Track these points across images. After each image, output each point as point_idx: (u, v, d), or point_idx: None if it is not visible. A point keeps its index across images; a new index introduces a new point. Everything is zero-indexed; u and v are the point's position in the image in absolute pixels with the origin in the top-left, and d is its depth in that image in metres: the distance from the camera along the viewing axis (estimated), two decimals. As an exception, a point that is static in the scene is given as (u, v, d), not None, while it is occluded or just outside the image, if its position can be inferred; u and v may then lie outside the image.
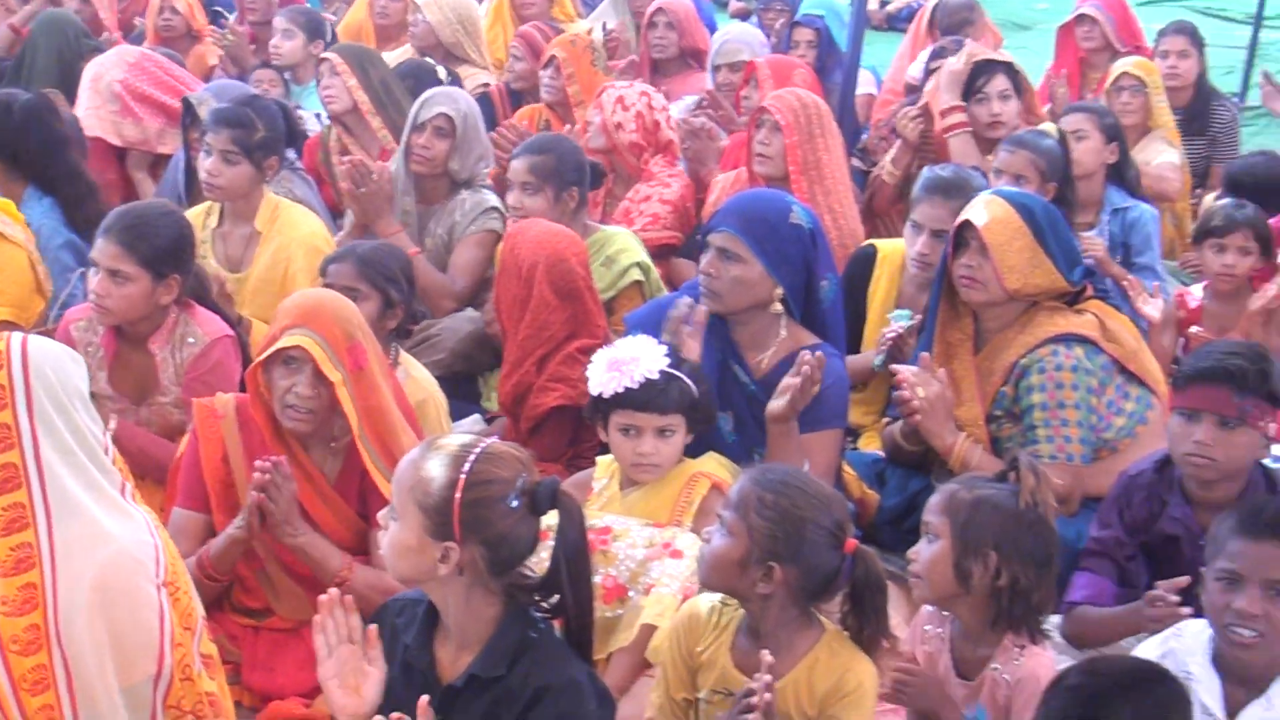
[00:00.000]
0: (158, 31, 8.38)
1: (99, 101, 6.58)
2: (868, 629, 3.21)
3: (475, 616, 3.05)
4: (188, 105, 5.98)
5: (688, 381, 4.08)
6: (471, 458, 3.01)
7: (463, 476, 2.98)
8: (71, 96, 6.77)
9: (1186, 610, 3.43)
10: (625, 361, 4.05)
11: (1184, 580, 3.48)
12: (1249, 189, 6.17)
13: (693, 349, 4.42)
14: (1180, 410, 3.86)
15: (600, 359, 4.11)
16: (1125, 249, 6.03)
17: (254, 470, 3.74)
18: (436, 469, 2.99)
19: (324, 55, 6.58)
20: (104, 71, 6.62)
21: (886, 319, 5.12)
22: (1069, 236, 4.62)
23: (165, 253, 4.40)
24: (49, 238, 5.38)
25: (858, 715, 3.21)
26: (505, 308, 4.94)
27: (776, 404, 4.24)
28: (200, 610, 3.34)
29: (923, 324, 4.89)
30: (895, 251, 5.33)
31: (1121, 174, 6.22)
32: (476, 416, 5.33)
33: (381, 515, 3.09)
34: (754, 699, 2.95)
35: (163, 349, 4.50)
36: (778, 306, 4.58)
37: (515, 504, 3.02)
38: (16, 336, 3.14)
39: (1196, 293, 5.56)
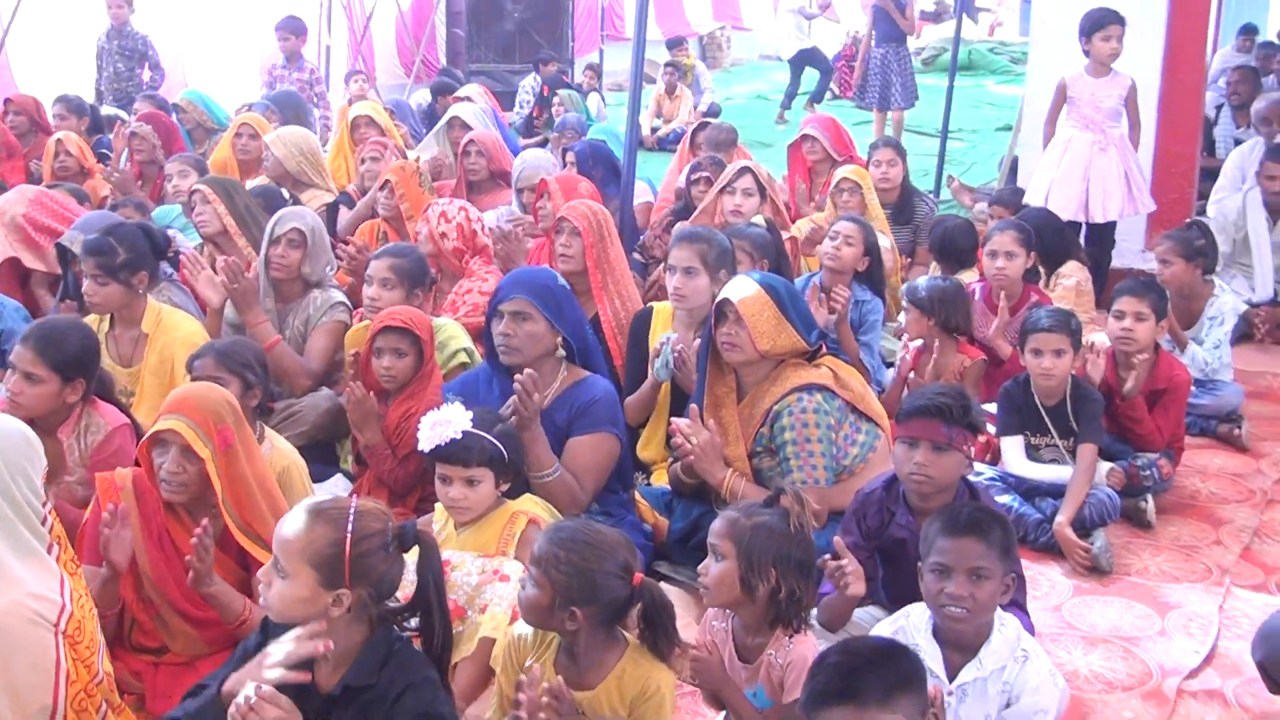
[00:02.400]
0: (55, 172, 8.17)
1: (4, 231, 6.40)
2: (660, 643, 3.18)
3: (348, 639, 3.00)
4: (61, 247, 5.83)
5: (493, 441, 4.03)
6: (350, 517, 2.97)
7: (349, 534, 2.94)
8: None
9: (849, 566, 3.53)
10: (439, 423, 4.01)
11: (849, 561, 3.55)
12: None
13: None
14: (902, 439, 3.90)
15: (424, 420, 4.06)
16: (855, 326, 6.12)
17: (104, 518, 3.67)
18: (321, 531, 2.93)
19: (195, 186, 6.40)
20: (7, 207, 6.44)
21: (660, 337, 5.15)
22: (805, 307, 4.66)
23: (73, 359, 4.24)
24: None
25: (660, 714, 3.19)
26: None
27: (512, 412, 4.30)
28: (107, 667, 3.26)
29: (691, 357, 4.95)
30: (665, 308, 5.37)
31: (873, 275, 6.28)
32: (338, 477, 5.21)
33: (264, 573, 2.99)
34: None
35: (69, 437, 4.32)
36: (561, 352, 4.63)
37: (388, 547, 3.00)
38: None
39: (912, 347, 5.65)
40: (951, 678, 3.20)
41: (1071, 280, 6.45)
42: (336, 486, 5.06)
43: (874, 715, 2.49)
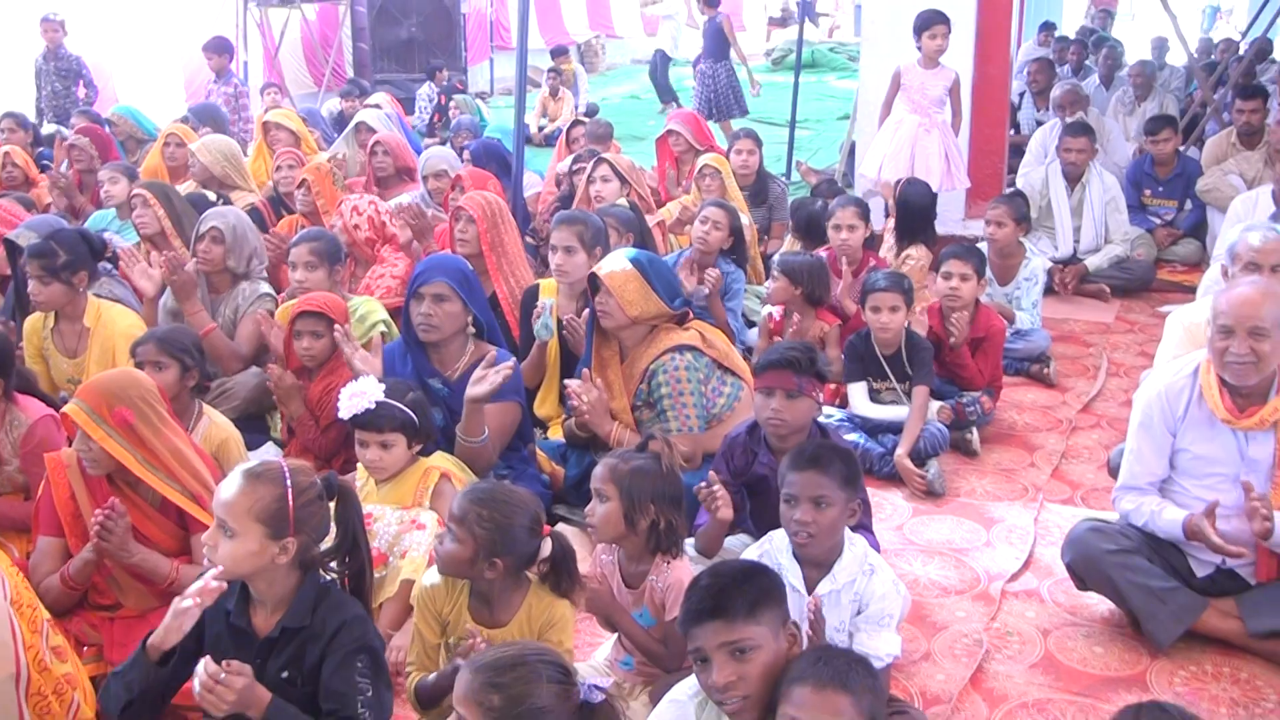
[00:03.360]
0: (2, 182, 7.93)
1: None
2: (564, 584, 3.18)
3: (282, 585, 2.94)
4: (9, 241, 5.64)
5: (403, 409, 4.02)
6: (286, 475, 2.92)
7: (288, 489, 2.88)
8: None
9: (719, 489, 3.59)
10: (355, 395, 3.99)
11: (718, 486, 3.60)
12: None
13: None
14: (760, 389, 3.94)
15: (343, 392, 4.03)
16: (721, 294, 6.11)
17: (98, 517, 3.53)
18: (264, 490, 2.86)
19: (137, 191, 6.24)
20: (-40, 213, 6.26)
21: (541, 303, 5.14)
22: (670, 277, 4.66)
23: None
24: None
25: (564, 635, 3.19)
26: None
27: (478, 390, 4.19)
28: (45, 614, 3.15)
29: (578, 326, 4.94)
30: (550, 283, 5.36)
31: (737, 250, 6.30)
32: (269, 445, 5.11)
33: (208, 537, 2.88)
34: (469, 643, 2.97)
35: (3, 429, 4.21)
36: (471, 329, 4.60)
37: (321, 499, 2.96)
38: None
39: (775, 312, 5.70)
40: (810, 590, 3.24)
41: (914, 263, 6.50)
42: (268, 454, 4.94)
43: (741, 628, 2.50)
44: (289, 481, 2.90)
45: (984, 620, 3.98)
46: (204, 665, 2.71)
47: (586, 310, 4.81)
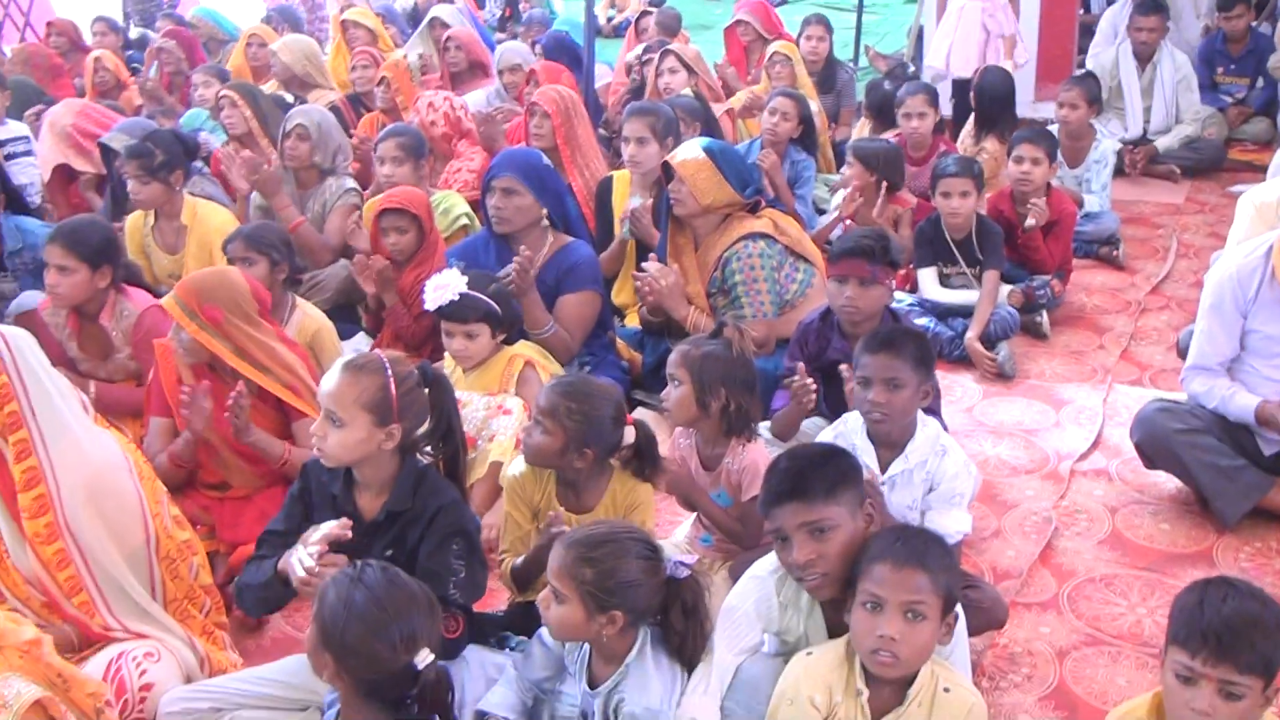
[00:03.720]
0: (95, 86, 8.02)
1: (56, 140, 6.30)
2: (646, 469, 3.22)
3: (385, 470, 2.98)
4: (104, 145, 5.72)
5: (485, 299, 4.03)
6: (386, 363, 2.96)
7: (390, 377, 2.92)
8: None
9: (812, 384, 3.62)
10: (439, 287, 4.02)
11: (805, 379, 3.62)
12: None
13: None
14: (834, 276, 3.92)
15: (428, 284, 4.06)
16: (792, 183, 6.08)
17: (183, 397, 3.70)
18: (367, 380, 2.89)
19: (224, 92, 6.28)
20: (58, 118, 6.34)
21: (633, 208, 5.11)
22: (741, 166, 4.60)
23: (97, 248, 4.19)
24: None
25: (647, 516, 3.24)
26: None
27: (513, 286, 4.28)
28: (162, 487, 3.26)
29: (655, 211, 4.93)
30: (624, 175, 5.36)
31: (807, 139, 6.21)
32: (361, 334, 5.16)
33: (317, 428, 2.91)
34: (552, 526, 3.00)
35: (109, 321, 4.31)
36: (545, 222, 4.61)
37: (418, 385, 3.00)
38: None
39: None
40: (883, 470, 3.25)
41: (988, 155, 6.30)
42: (359, 343, 5.02)
43: (820, 508, 2.52)
44: (389, 371, 2.94)
45: (1053, 498, 4.00)
46: (299, 562, 2.77)
47: (646, 201, 4.81)
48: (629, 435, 3.19)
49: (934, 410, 3.79)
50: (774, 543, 2.61)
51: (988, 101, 6.52)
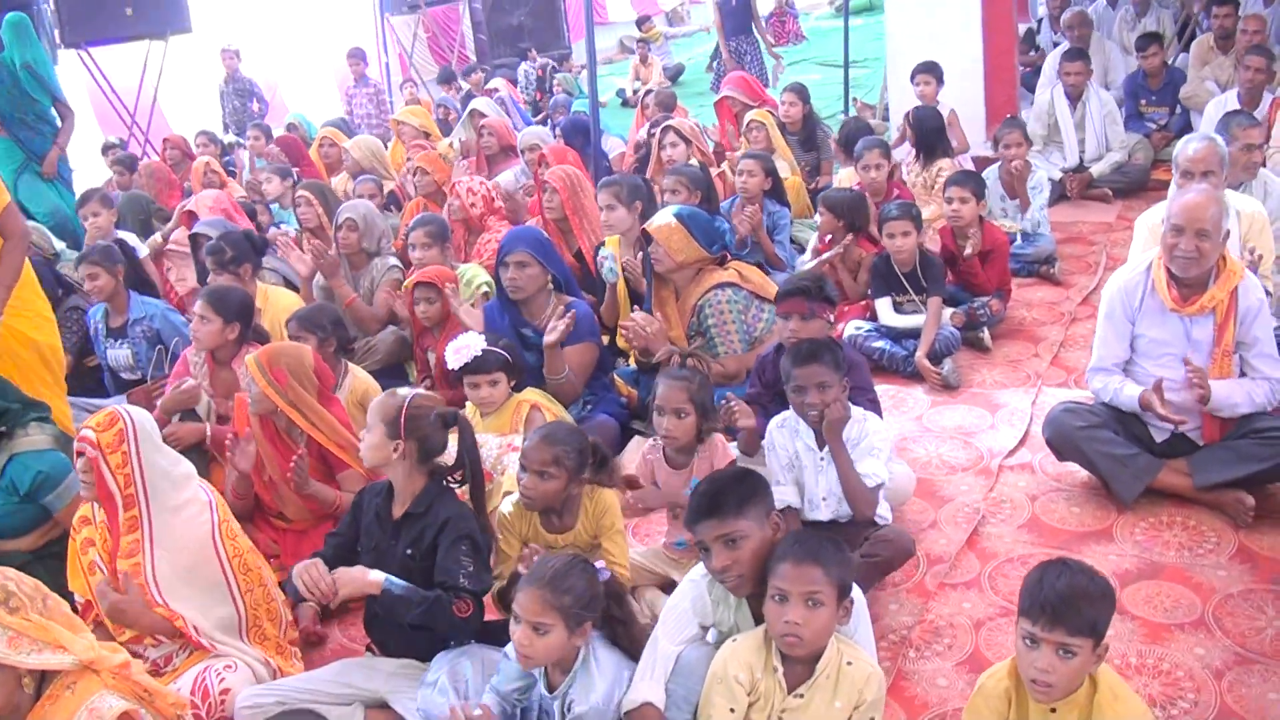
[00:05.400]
0: (203, 187, 8.24)
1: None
2: (604, 476, 3.38)
3: (413, 484, 3.24)
4: (194, 237, 6.01)
5: (501, 353, 4.22)
6: (407, 396, 3.26)
7: (405, 403, 3.21)
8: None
9: (739, 405, 3.76)
10: (460, 348, 4.20)
11: (736, 403, 3.76)
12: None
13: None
14: (780, 313, 4.05)
15: (449, 348, 4.24)
16: (770, 230, 6.16)
17: (228, 440, 4.06)
18: (390, 402, 3.23)
19: (301, 191, 6.56)
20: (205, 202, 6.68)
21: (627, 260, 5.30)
22: (709, 227, 4.73)
23: (233, 308, 4.58)
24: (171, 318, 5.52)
25: (616, 518, 3.37)
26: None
27: (550, 338, 4.51)
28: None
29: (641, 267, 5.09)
30: (614, 238, 5.50)
31: (776, 191, 6.30)
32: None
33: (362, 434, 3.29)
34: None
35: (238, 367, 4.58)
36: (550, 286, 4.79)
37: (434, 419, 3.24)
38: (125, 413, 3.31)
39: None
40: (820, 448, 3.43)
41: (947, 172, 6.39)
42: None
43: (731, 522, 2.66)
44: (407, 400, 3.23)
45: (983, 491, 4.08)
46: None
47: (642, 255, 4.98)
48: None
49: (876, 406, 3.93)
50: (700, 552, 2.77)
51: (924, 133, 6.66)
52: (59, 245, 6.67)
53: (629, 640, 2.83)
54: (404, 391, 3.31)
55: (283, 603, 3.56)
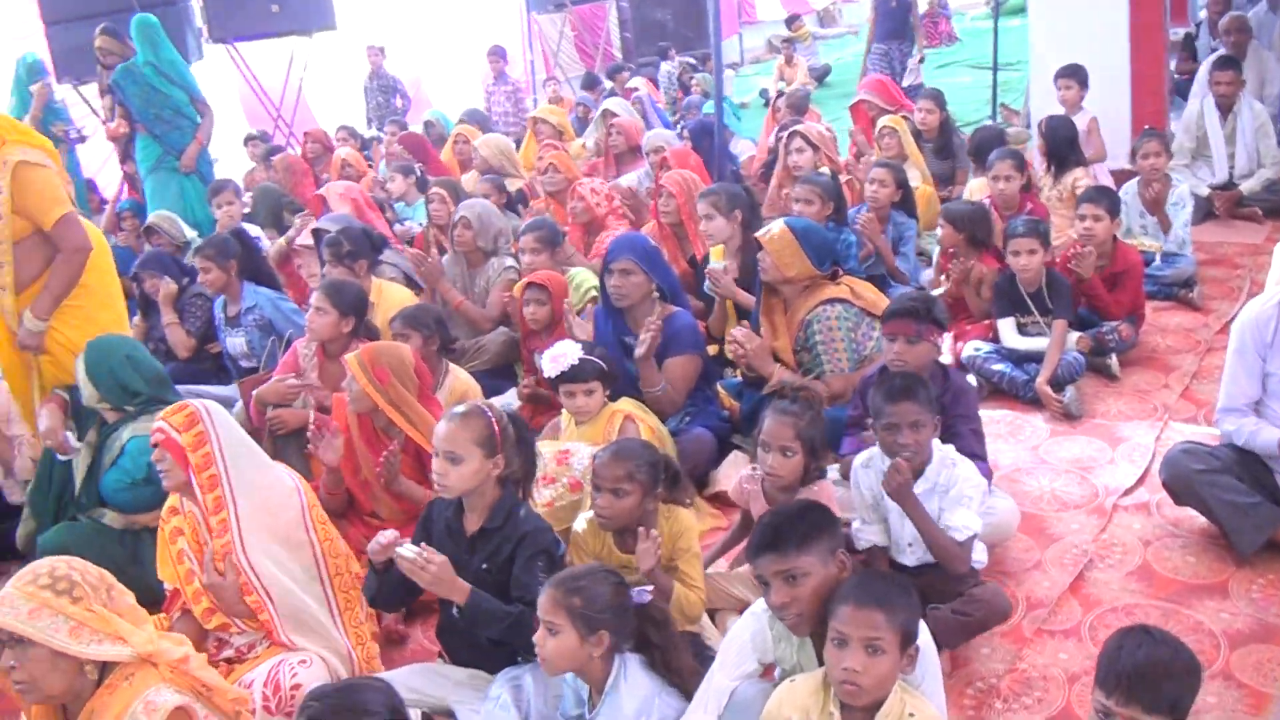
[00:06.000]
0: (341, 178, 8.54)
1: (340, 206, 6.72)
2: (678, 493, 3.32)
3: (489, 497, 3.19)
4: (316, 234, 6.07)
5: (597, 362, 4.17)
6: (485, 408, 3.22)
7: (492, 418, 3.16)
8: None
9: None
10: (557, 356, 4.17)
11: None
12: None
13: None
14: (886, 334, 3.90)
15: (545, 356, 4.22)
16: (896, 242, 6.02)
17: (310, 433, 4.01)
18: (476, 423, 3.13)
19: (434, 190, 6.67)
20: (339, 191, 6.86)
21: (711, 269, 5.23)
22: (822, 243, 4.56)
23: (348, 301, 4.66)
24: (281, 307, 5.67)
25: (691, 540, 3.30)
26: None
27: (638, 351, 4.43)
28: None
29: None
30: (717, 250, 5.43)
31: (906, 203, 6.15)
32: (512, 391, 5.31)
33: (439, 467, 3.14)
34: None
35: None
36: (655, 294, 4.70)
37: (509, 428, 3.20)
38: (199, 403, 3.36)
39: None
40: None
41: (1083, 183, 6.12)
42: (510, 398, 5.18)
43: (793, 558, 2.55)
44: (490, 413, 3.17)
45: (1094, 532, 3.85)
46: (406, 546, 3.00)
47: (729, 264, 4.87)
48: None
49: (977, 455, 3.73)
50: (760, 586, 2.66)
51: (1055, 142, 6.35)
52: (190, 234, 6.87)
53: (667, 668, 2.73)
54: (472, 407, 3.23)
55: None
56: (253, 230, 6.91)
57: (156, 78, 7.74)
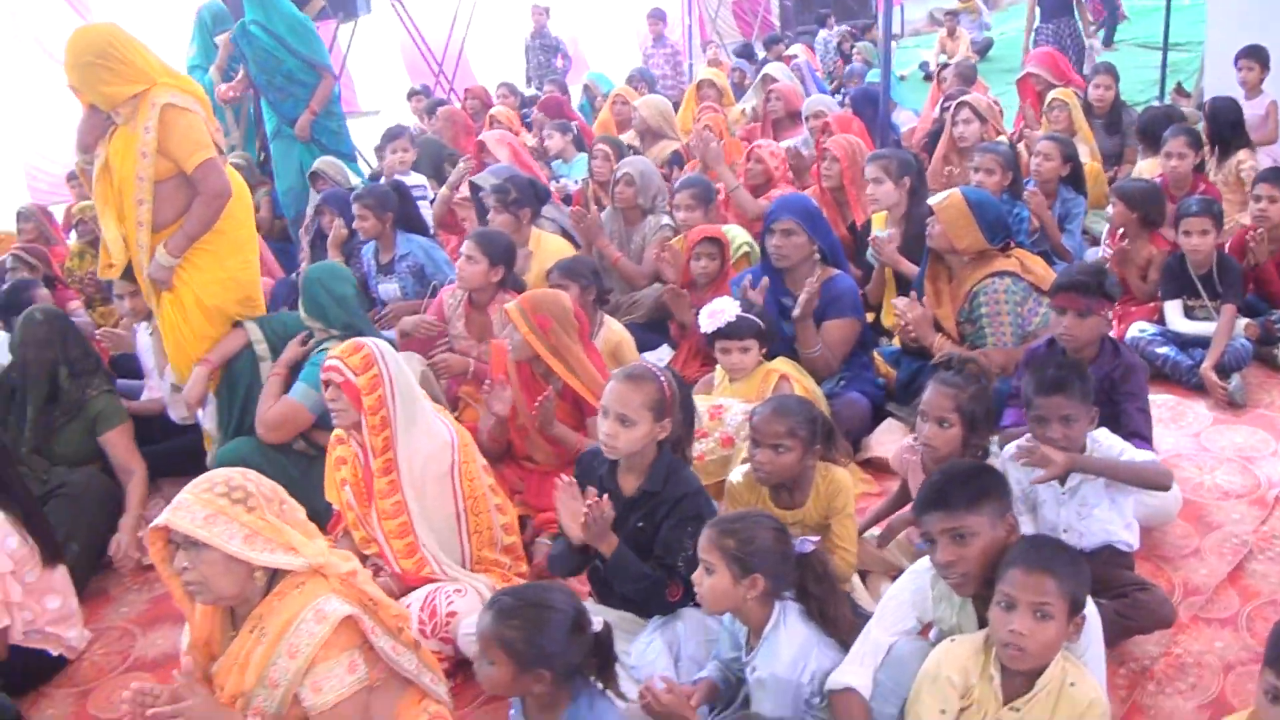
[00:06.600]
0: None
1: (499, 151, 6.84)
2: (833, 452, 3.31)
3: (646, 457, 3.17)
4: (473, 186, 6.18)
5: (754, 320, 4.19)
6: (657, 371, 3.22)
7: (666, 383, 3.16)
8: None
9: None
10: (715, 313, 4.20)
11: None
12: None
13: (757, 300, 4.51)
14: (1055, 308, 3.84)
15: (703, 311, 4.25)
16: (1062, 219, 5.87)
17: (485, 387, 4.16)
18: (650, 387, 3.11)
19: (599, 146, 6.74)
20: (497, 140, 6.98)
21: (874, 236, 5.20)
22: (996, 216, 4.49)
23: (498, 251, 4.76)
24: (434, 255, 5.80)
25: (847, 500, 3.30)
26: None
27: (796, 311, 4.44)
28: (482, 460, 3.65)
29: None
30: (880, 215, 5.39)
31: (1074, 178, 6.00)
32: (665, 346, 5.39)
33: (610, 429, 3.11)
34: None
35: (493, 312, 4.77)
36: (816, 256, 4.69)
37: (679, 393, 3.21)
38: (375, 345, 3.45)
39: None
40: (1063, 483, 3.20)
41: (1248, 165, 5.98)
42: (662, 353, 5.27)
43: (961, 517, 2.54)
44: (664, 379, 3.18)
45: (1255, 523, 3.74)
46: (590, 493, 3.06)
47: (893, 231, 4.82)
48: None
49: (1142, 437, 3.65)
50: (925, 544, 2.67)
51: (1219, 125, 6.15)
52: (355, 180, 7.02)
53: (824, 619, 2.73)
54: (643, 369, 3.22)
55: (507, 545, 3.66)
56: (416, 179, 7.10)
57: (267, 39, 7.18)
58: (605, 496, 3.08)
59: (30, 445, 4.46)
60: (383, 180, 6.74)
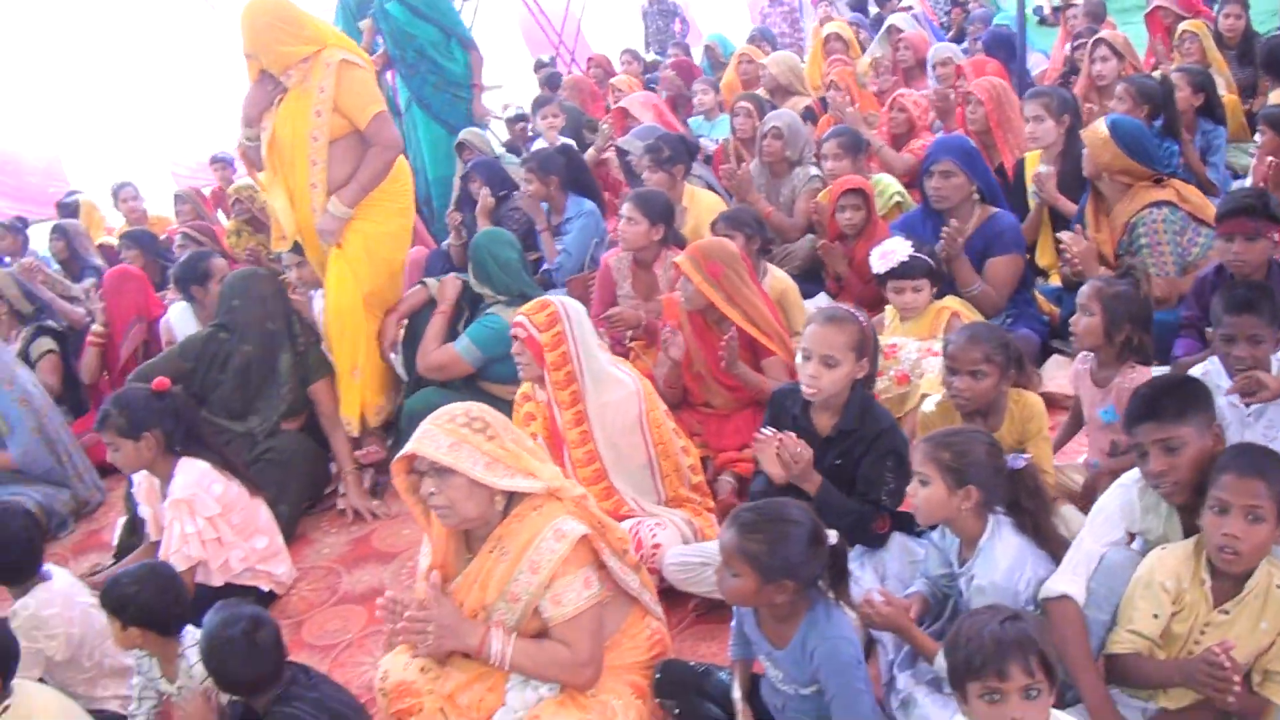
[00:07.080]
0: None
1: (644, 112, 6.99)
2: (1022, 377, 3.38)
3: (841, 399, 3.27)
4: (619, 150, 6.33)
5: (925, 259, 4.29)
6: (855, 312, 3.34)
7: (865, 323, 3.30)
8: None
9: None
10: (886, 253, 4.31)
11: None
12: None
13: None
14: (1221, 234, 3.84)
15: (874, 252, 4.37)
16: (1204, 152, 5.84)
17: (664, 333, 4.25)
18: (851, 328, 3.24)
19: (742, 102, 6.78)
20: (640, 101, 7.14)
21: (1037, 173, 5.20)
22: (1144, 146, 4.52)
23: (658, 210, 4.83)
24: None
25: (1041, 422, 3.34)
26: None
27: (942, 250, 4.49)
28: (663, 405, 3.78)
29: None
30: (1034, 154, 5.41)
31: (1211, 109, 5.95)
32: (823, 295, 5.47)
33: (814, 371, 3.21)
34: None
35: (658, 270, 4.88)
36: (975, 195, 4.75)
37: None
38: (560, 302, 3.58)
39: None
40: (1247, 406, 3.23)
41: None
42: (820, 301, 5.34)
43: (1170, 427, 2.63)
44: (862, 319, 3.32)
45: None
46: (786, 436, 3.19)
47: (1051, 169, 4.86)
48: None
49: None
50: (1136, 456, 2.76)
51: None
52: (499, 149, 7.23)
53: (1035, 532, 2.82)
54: (844, 312, 3.34)
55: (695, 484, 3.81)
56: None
57: (401, 11, 6.97)
58: (796, 435, 3.22)
59: (240, 403, 4.71)
60: (544, 144, 6.93)
